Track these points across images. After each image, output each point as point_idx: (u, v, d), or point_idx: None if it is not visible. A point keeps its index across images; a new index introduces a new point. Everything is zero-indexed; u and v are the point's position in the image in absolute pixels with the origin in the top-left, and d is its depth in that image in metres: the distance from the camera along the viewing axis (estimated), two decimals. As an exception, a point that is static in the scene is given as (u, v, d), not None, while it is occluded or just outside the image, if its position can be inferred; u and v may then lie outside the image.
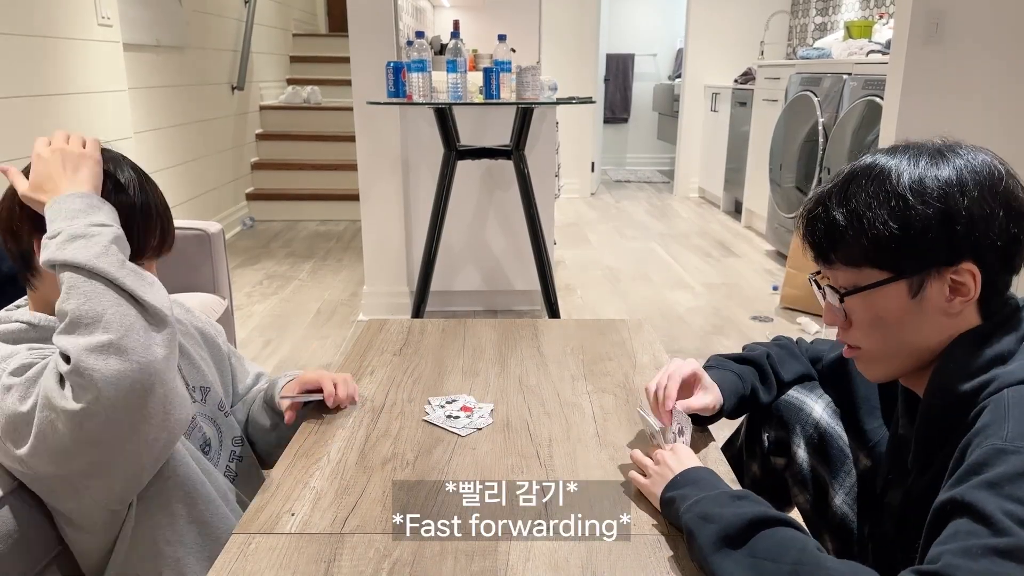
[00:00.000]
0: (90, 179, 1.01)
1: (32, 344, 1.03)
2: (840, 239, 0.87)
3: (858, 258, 0.87)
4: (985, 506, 0.69)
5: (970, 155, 0.85)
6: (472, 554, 0.89)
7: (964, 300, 0.85)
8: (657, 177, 8.12)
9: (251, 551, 0.89)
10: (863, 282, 0.87)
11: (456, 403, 1.26)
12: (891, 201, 0.83)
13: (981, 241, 0.83)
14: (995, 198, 0.83)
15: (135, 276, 0.95)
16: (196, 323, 1.31)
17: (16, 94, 2.55)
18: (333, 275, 4.17)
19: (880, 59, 3.62)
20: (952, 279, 0.84)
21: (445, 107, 2.81)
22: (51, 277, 1.02)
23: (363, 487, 1.02)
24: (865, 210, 0.84)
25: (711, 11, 6.19)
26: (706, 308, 3.63)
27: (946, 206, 0.82)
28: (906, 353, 0.90)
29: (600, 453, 1.11)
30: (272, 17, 6.29)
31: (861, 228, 0.85)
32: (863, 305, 0.89)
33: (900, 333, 0.88)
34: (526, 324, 1.68)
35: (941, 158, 0.85)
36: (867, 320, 0.89)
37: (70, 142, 1.03)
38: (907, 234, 0.83)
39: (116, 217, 1.00)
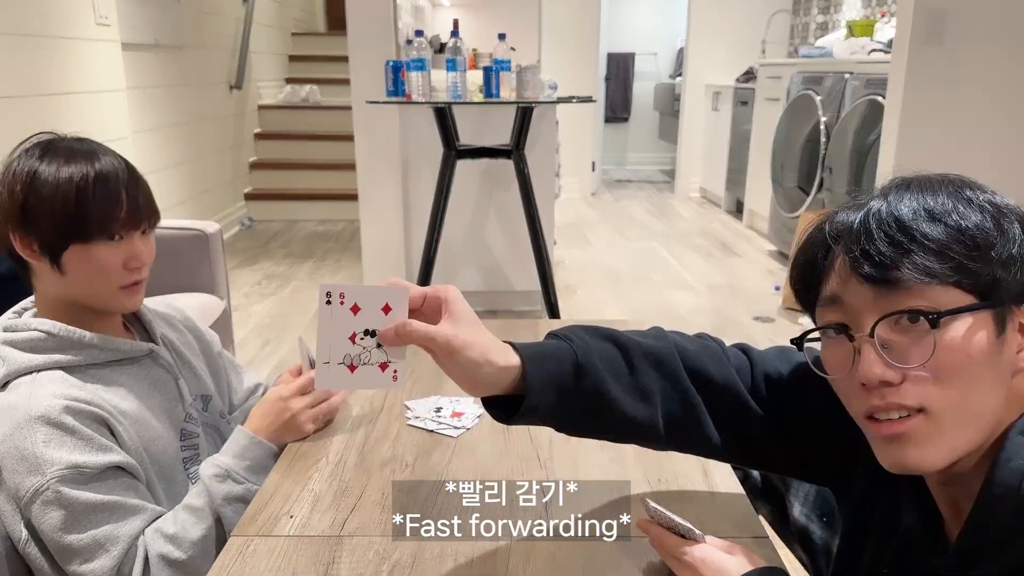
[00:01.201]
0: (286, 440, 1.13)
1: (58, 419, 0.99)
2: (918, 247, 0.64)
3: (942, 271, 0.63)
4: None
5: (989, 192, 0.68)
6: (472, 555, 0.88)
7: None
8: (658, 177, 8.11)
9: (250, 553, 0.88)
10: (939, 305, 0.63)
11: (444, 410, 1.24)
12: (982, 207, 0.65)
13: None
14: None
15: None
16: (193, 330, 1.30)
17: (14, 94, 2.54)
18: (332, 275, 4.17)
19: (882, 58, 3.62)
20: (1021, 324, 0.66)
21: (444, 106, 2.81)
22: (51, 283, 1.05)
23: (362, 489, 1.01)
24: (952, 211, 0.64)
25: (712, 10, 6.18)
26: (707, 308, 3.63)
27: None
28: (980, 422, 0.65)
29: (600, 454, 1.10)
30: (271, 16, 6.28)
31: (957, 233, 0.64)
32: (951, 339, 0.63)
33: (980, 387, 0.65)
34: (526, 325, 1.67)
35: (979, 188, 0.68)
36: (952, 363, 0.64)
37: (305, 413, 1.14)
38: (1005, 246, 0.64)
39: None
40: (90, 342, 1.05)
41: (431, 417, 1.20)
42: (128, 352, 1.10)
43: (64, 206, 1.01)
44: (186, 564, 0.99)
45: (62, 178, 1.01)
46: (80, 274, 1.04)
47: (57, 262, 1.03)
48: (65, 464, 0.96)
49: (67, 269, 1.04)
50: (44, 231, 1.02)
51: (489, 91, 2.71)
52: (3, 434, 0.97)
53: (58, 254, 1.03)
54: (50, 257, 1.03)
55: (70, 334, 1.04)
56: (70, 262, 1.03)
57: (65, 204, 1.01)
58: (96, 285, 1.06)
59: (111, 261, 1.04)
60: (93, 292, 1.06)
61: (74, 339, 1.04)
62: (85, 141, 1.08)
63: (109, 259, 1.04)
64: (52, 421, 0.97)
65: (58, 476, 0.95)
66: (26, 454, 0.96)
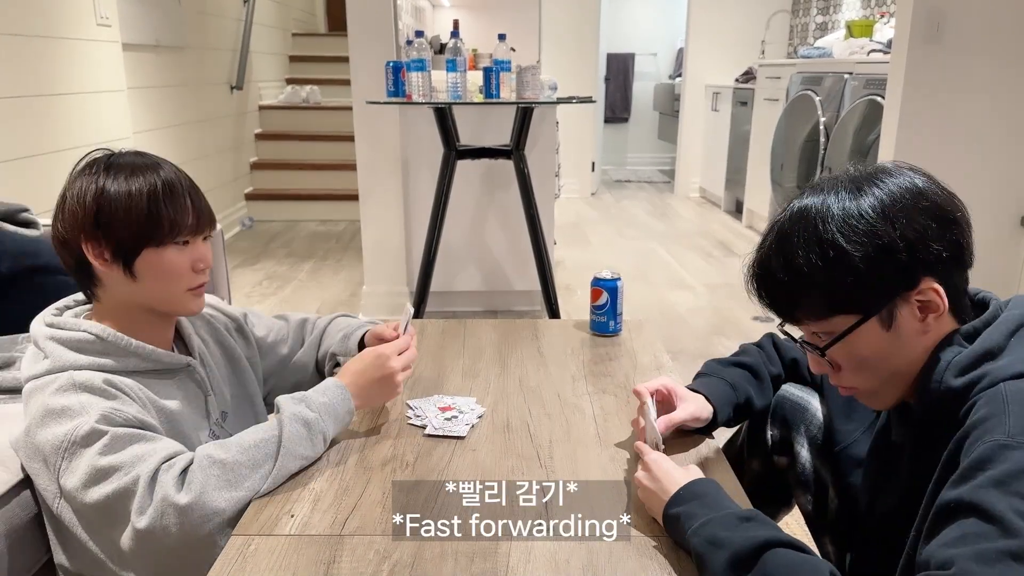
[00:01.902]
0: (372, 401, 1.18)
1: (100, 386, 1.03)
2: (796, 300, 0.88)
3: (822, 311, 0.87)
4: (995, 506, 0.68)
5: (889, 180, 0.85)
6: (473, 555, 0.88)
7: (936, 315, 0.85)
8: (658, 177, 8.11)
9: (250, 552, 0.89)
10: (837, 329, 0.87)
11: (452, 413, 1.23)
12: (828, 251, 0.83)
13: (927, 258, 0.83)
14: (923, 214, 0.83)
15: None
16: (220, 336, 1.32)
17: (15, 94, 2.55)
18: (333, 275, 4.17)
19: (881, 58, 3.62)
20: (918, 300, 0.85)
21: (445, 107, 2.81)
22: (118, 289, 1.10)
23: (363, 488, 1.02)
24: (805, 266, 0.84)
25: (712, 10, 6.18)
26: (707, 308, 3.63)
27: (880, 241, 0.82)
28: (900, 379, 0.90)
29: (601, 454, 1.11)
30: (271, 17, 6.28)
31: (812, 284, 0.85)
32: (844, 351, 0.89)
33: (887, 365, 0.88)
34: (526, 324, 1.68)
35: (859, 191, 0.85)
36: (852, 363, 0.89)
37: (400, 374, 1.18)
38: (856, 278, 0.83)
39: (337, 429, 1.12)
40: (135, 350, 1.10)
41: (434, 416, 1.20)
42: (167, 364, 1.15)
43: (138, 213, 1.06)
44: (231, 466, 0.99)
45: (133, 188, 1.07)
46: (151, 278, 1.09)
47: (130, 268, 1.08)
48: (102, 409, 1.00)
49: (139, 274, 1.09)
50: (118, 238, 1.07)
51: (489, 91, 2.71)
52: (43, 397, 1.02)
53: (131, 260, 1.08)
54: (123, 263, 1.08)
55: (117, 340, 1.09)
56: (142, 267, 1.09)
57: (139, 211, 1.06)
58: (167, 288, 1.11)
59: (181, 264, 1.11)
60: (163, 295, 1.12)
61: (120, 345, 1.09)
62: (144, 155, 1.13)
63: (179, 262, 1.10)
64: (90, 387, 1.02)
65: (96, 416, 0.99)
66: (65, 408, 1.00)
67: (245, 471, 0.99)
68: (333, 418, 1.10)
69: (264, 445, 1.03)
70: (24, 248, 1.58)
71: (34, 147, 2.63)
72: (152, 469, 0.97)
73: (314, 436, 1.07)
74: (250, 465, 1.00)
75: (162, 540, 0.94)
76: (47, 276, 1.56)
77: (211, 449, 1.01)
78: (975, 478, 0.71)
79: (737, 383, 1.18)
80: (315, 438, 1.07)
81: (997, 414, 0.75)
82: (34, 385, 1.06)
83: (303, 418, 1.07)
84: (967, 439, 0.76)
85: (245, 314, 1.40)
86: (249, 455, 1.01)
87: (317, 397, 1.11)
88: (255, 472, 1.00)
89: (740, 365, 1.21)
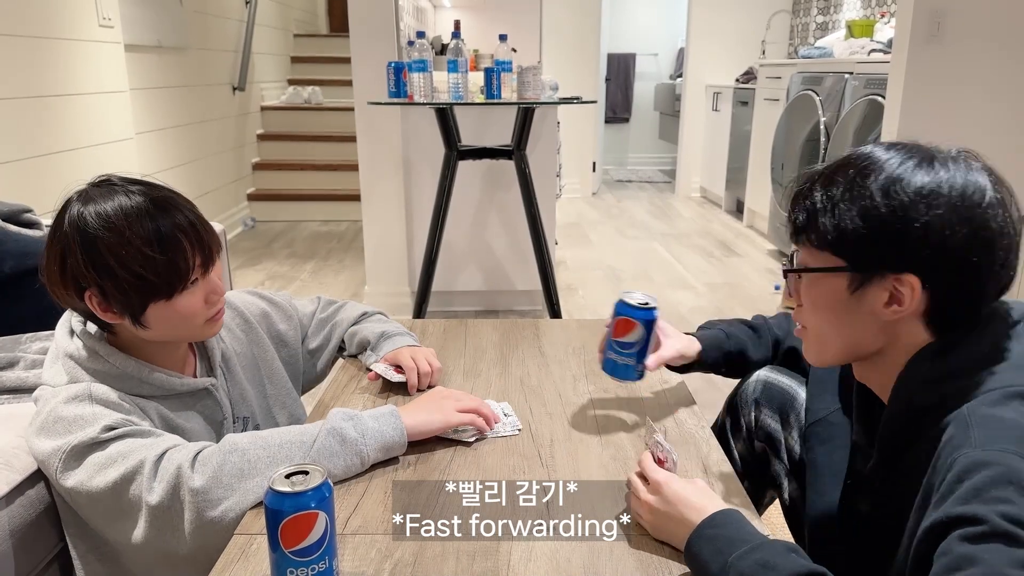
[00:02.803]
0: (419, 431, 1.11)
1: (115, 400, 1.04)
2: (813, 221, 0.88)
3: (821, 242, 0.87)
4: (981, 514, 0.67)
5: (960, 171, 0.83)
6: (474, 554, 0.88)
7: (898, 311, 0.84)
8: (659, 177, 8.11)
9: (252, 552, 0.89)
10: (813, 265, 0.90)
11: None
12: (863, 197, 0.84)
13: (931, 258, 0.81)
14: (962, 220, 0.80)
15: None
16: (254, 335, 1.33)
17: (17, 95, 2.55)
18: (334, 276, 4.17)
19: (882, 58, 3.61)
20: (894, 286, 0.84)
21: (446, 107, 2.81)
22: (129, 330, 1.07)
23: (364, 488, 1.02)
24: (840, 199, 0.85)
25: (712, 10, 6.18)
26: (708, 308, 3.63)
27: (905, 215, 0.81)
28: (839, 345, 0.91)
29: (602, 453, 1.11)
30: (273, 17, 6.29)
31: (833, 215, 0.86)
32: (806, 286, 0.91)
33: (834, 323, 0.90)
34: (528, 324, 1.68)
35: (928, 166, 0.83)
36: (809, 302, 0.92)
37: (451, 403, 1.15)
38: (866, 231, 0.83)
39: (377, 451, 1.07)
40: (151, 381, 1.09)
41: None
42: (184, 391, 1.14)
43: (135, 275, 1.01)
44: (251, 457, 0.98)
45: (124, 248, 1.00)
46: (164, 324, 1.07)
47: (139, 321, 1.05)
48: (112, 420, 1.00)
49: (150, 324, 1.06)
50: (121, 300, 1.03)
51: (490, 92, 2.71)
52: (56, 402, 1.02)
53: (139, 315, 1.05)
54: (131, 318, 1.05)
55: (137, 372, 1.07)
56: (152, 318, 1.05)
57: (135, 273, 1.01)
58: (181, 330, 1.09)
59: (194, 305, 1.07)
60: (177, 335, 1.10)
61: (140, 376, 1.08)
62: (127, 189, 1.04)
63: (192, 304, 1.07)
64: (106, 400, 1.02)
65: (104, 424, 0.99)
66: (78, 417, 1.00)
67: (262, 466, 0.98)
68: (379, 443, 1.05)
69: (289, 448, 1.00)
70: (27, 248, 1.58)
71: (36, 148, 2.63)
72: (158, 453, 0.96)
73: (348, 456, 1.02)
74: (267, 461, 0.98)
75: (175, 518, 0.94)
76: (50, 277, 1.56)
77: (237, 437, 1.01)
78: (955, 492, 0.71)
79: (731, 333, 1.21)
80: (349, 459, 1.02)
81: (961, 431, 0.76)
82: (50, 391, 1.06)
83: (341, 434, 1.03)
84: (939, 460, 0.76)
85: (291, 302, 1.43)
86: (269, 452, 0.99)
87: (368, 420, 1.06)
88: (270, 470, 0.97)
89: (740, 321, 1.27)
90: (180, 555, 0.98)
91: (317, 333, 1.44)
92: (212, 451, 0.98)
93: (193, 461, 0.96)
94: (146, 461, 0.96)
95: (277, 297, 1.41)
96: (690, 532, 0.86)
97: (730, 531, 0.84)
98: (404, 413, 1.10)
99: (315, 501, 0.78)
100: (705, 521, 0.86)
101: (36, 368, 1.43)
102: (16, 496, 1.14)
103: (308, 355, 1.43)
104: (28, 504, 1.16)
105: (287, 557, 0.78)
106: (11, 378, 1.41)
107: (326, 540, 0.79)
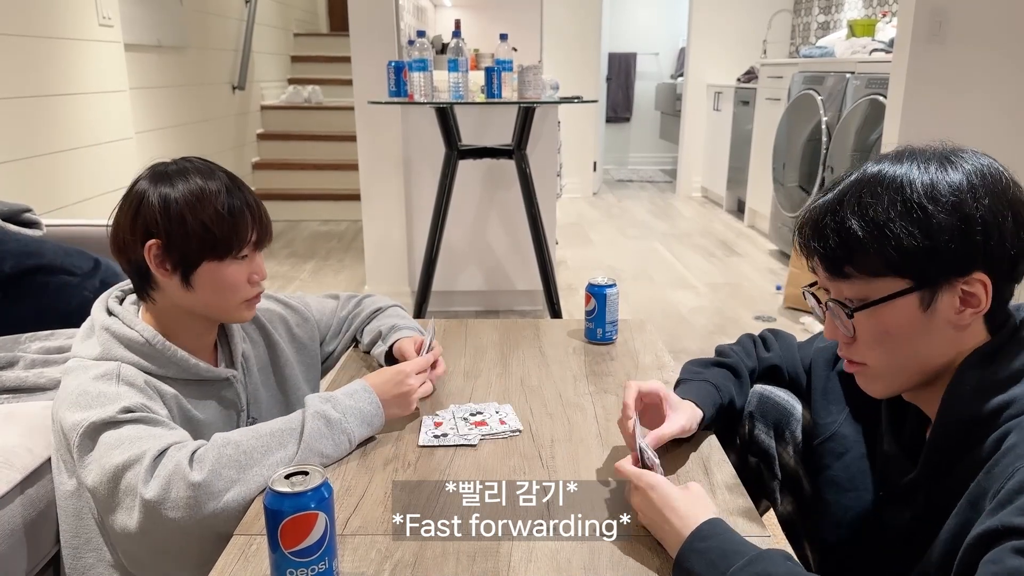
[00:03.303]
0: (394, 412, 1.17)
1: (140, 384, 1.07)
2: (858, 250, 0.83)
3: (878, 267, 0.83)
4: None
5: (976, 159, 0.83)
6: (474, 554, 0.88)
7: (974, 312, 0.82)
8: (659, 176, 8.11)
9: (252, 552, 0.89)
10: (874, 295, 0.84)
11: (470, 419, 1.21)
12: (913, 211, 0.80)
13: (994, 250, 0.80)
14: (1005, 204, 0.81)
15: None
16: (271, 339, 1.35)
17: (17, 94, 2.55)
18: (334, 275, 4.17)
19: (883, 58, 3.61)
20: (963, 290, 0.82)
21: (446, 106, 2.81)
22: (174, 295, 1.12)
23: (364, 488, 1.02)
24: (887, 220, 0.81)
25: (713, 10, 6.18)
26: (709, 308, 3.63)
27: (962, 213, 0.80)
28: (913, 369, 0.87)
29: (602, 453, 1.11)
30: (273, 17, 6.29)
31: (884, 238, 0.81)
32: (872, 319, 0.85)
33: (908, 348, 0.85)
34: (528, 324, 1.68)
35: (949, 164, 0.82)
36: (874, 335, 0.86)
37: (417, 392, 1.20)
38: (930, 243, 0.80)
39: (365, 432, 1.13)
40: (178, 360, 1.12)
41: (453, 426, 1.18)
42: (206, 377, 1.17)
43: (203, 227, 1.08)
44: (244, 448, 1.00)
45: (200, 201, 1.09)
46: (209, 290, 1.12)
47: (188, 279, 1.10)
48: (132, 402, 1.02)
49: (197, 285, 1.11)
50: (181, 250, 1.09)
51: (491, 91, 2.71)
52: (85, 377, 1.06)
53: (191, 271, 1.10)
54: (182, 273, 1.10)
55: (164, 348, 1.11)
56: (201, 279, 1.11)
57: (204, 226, 1.08)
58: (222, 299, 1.14)
59: (238, 277, 1.13)
60: (218, 305, 1.15)
61: (165, 354, 1.11)
62: (210, 167, 1.15)
63: (237, 276, 1.13)
64: (131, 382, 1.06)
65: (124, 405, 1.01)
66: (102, 393, 1.03)
67: (257, 455, 1.00)
68: (360, 419, 1.11)
69: (279, 435, 1.04)
70: (27, 248, 1.58)
71: (36, 148, 2.63)
72: (161, 447, 0.98)
73: (336, 436, 1.07)
74: (262, 450, 1.01)
75: (168, 514, 0.95)
76: (50, 276, 1.56)
77: (226, 434, 1.03)
78: (1015, 502, 0.69)
79: (720, 384, 1.16)
80: (337, 438, 1.07)
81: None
82: (81, 363, 1.09)
83: (326, 416, 1.07)
84: (997, 467, 0.75)
85: (307, 303, 1.45)
86: (263, 442, 1.02)
87: (344, 399, 1.11)
88: (266, 458, 1.01)
89: (720, 365, 1.20)
90: (173, 550, 0.99)
91: (337, 334, 1.47)
92: (207, 448, 1.00)
93: (191, 459, 0.98)
94: (147, 452, 0.97)
95: (292, 300, 1.43)
96: (678, 544, 0.84)
97: (721, 543, 0.83)
98: (374, 387, 1.15)
99: (315, 501, 0.78)
100: (693, 534, 0.84)
101: (36, 368, 1.43)
102: (16, 495, 1.14)
103: (327, 356, 1.47)
104: (28, 503, 1.16)
105: (287, 558, 0.78)
106: (11, 378, 1.41)
107: (326, 540, 0.79)
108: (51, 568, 1.23)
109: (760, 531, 0.93)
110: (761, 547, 0.81)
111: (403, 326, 1.41)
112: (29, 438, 1.23)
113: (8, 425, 1.25)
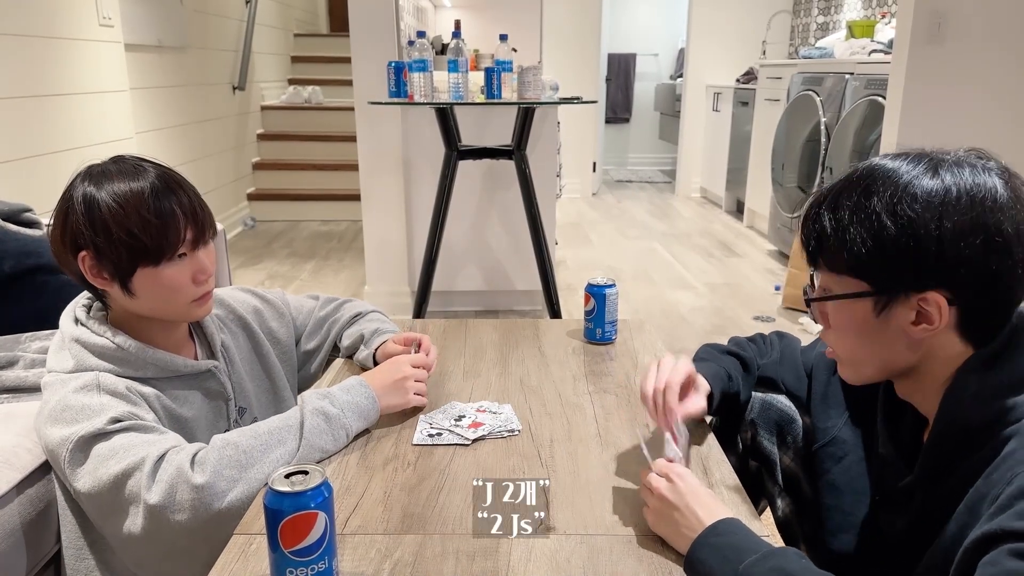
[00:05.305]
0: (390, 406, 1.18)
1: (122, 391, 1.06)
2: (826, 246, 0.85)
3: (839, 266, 0.85)
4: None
5: (966, 174, 0.79)
6: (474, 554, 0.88)
7: (928, 329, 0.81)
8: (659, 177, 8.11)
9: (252, 552, 0.89)
10: (836, 290, 0.87)
11: (464, 419, 1.21)
12: (871, 217, 0.81)
13: (951, 274, 0.79)
14: (975, 228, 0.77)
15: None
16: (250, 330, 1.33)
17: (18, 94, 2.55)
18: (334, 275, 4.17)
19: (882, 58, 3.62)
20: (919, 305, 0.81)
21: (446, 107, 2.81)
22: (119, 299, 1.10)
23: (364, 487, 1.02)
24: (848, 223, 0.82)
25: (713, 11, 6.18)
26: (708, 308, 3.63)
27: (915, 232, 0.78)
28: (876, 366, 0.89)
29: (602, 453, 1.11)
30: (273, 17, 6.29)
31: (843, 239, 0.83)
32: (831, 311, 0.89)
33: (867, 347, 0.87)
34: (527, 324, 1.68)
35: (932, 173, 0.80)
36: (836, 326, 0.89)
37: (415, 383, 1.21)
38: (879, 254, 0.81)
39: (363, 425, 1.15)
40: (153, 361, 1.11)
41: (449, 427, 1.18)
42: (187, 371, 1.16)
43: (129, 234, 1.04)
44: (244, 448, 1.01)
45: (123, 209, 1.04)
46: (150, 295, 1.09)
47: (127, 287, 1.08)
48: (119, 411, 1.01)
49: (137, 291, 1.08)
50: (113, 261, 1.06)
51: (491, 92, 2.71)
52: (64, 391, 1.04)
53: (127, 279, 1.07)
54: (120, 282, 1.07)
55: (139, 351, 1.09)
56: (139, 285, 1.08)
57: (130, 232, 1.04)
58: (167, 303, 1.11)
59: (180, 279, 1.09)
60: (165, 309, 1.12)
61: (142, 356, 1.10)
62: (136, 164, 1.10)
63: (178, 277, 1.09)
64: (113, 390, 1.04)
65: (111, 416, 1.00)
66: (85, 406, 1.02)
67: (257, 454, 1.01)
68: (356, 414, 1.12)
69: (278, 433, 1.04)
70: (27, 248, 1.58)
71: (36, 147, 2.63)
72: (160, 452, 0.98)
73: (335, 431, 1.09)
74: (262, 449, 1.02)
75: (174, 517, 0.95)
76: (49, 276, 1.56)
77: (225, 435, 1.03)
78: (1014, 507, 0.69)
79: (733, 375, 1.17)
80: (336, 433, 1.09)
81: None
82: (57, 378, 1.08)
83: (324, 413, 1.08)
84: (997, 472, 0.74)
85: (285, 299, 1.43)
86: (262, 440, 1.03)
87: (341, 395, 1.12)
88: (267, 456, 1.01)
89: (736, 356, 1.21)
90: (179, 549, 0.99)
91: (315, 333, 1.44)
92: (207, 450, 1.00)
93: (192, 461, 0.98)
94: (147, 459, 0.97)
95: (269, 294, 1.41)
96: (693, 536, 0.85)
97: (736, 540, 0.83)
98: (370, 382, 1.17)
99: (315, 501, 0.78)
100: (708, 530, 0.85)
101: (36, 367, 1.43)
102: (16, 495, 1.14)
103: (304, 356, 1.44)
104: (28, 502, 1.16)
105: (287, 557, 0.78)
106: (11, 377, 1.41)
107: (326, 540, 0.79)
108: (51, 568, 1.23)
109: (760, 530, 0.93)
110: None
111: (386, 330, 1.40)
112: (29, 438, 1.23)
113: (8, 425, 1.25)
